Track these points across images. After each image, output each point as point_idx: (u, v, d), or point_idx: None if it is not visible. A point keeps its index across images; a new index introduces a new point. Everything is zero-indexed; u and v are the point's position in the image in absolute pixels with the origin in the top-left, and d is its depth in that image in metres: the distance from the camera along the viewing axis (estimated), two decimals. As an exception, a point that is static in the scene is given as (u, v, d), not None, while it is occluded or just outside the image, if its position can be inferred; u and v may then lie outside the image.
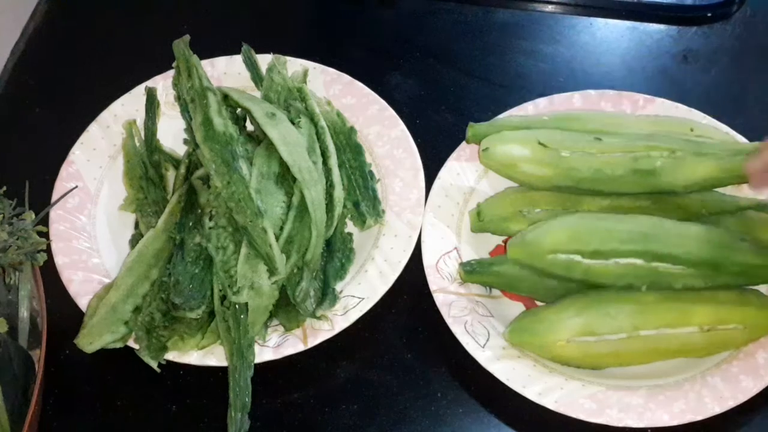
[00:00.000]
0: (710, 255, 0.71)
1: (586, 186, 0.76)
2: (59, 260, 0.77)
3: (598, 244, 0.71)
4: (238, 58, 0.88)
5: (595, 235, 0.72)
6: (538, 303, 0.77)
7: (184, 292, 0.74)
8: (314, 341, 0.73)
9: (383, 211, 0.80)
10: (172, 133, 0.86)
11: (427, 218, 0.79)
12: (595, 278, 0.72)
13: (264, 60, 0.87)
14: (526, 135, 0.78)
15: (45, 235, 0.73)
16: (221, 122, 0.77)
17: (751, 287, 0.74)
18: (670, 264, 0.71)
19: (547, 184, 0.77)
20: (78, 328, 0.73)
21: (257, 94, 0.85)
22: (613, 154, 0.75)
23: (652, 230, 0.72)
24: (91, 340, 0.72)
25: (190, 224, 0.76)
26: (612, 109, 0.84)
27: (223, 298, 0.73)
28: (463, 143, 0.83)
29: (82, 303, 0.75)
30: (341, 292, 0.76)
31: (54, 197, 0.80)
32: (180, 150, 0.85)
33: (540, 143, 0.76)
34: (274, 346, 0.73)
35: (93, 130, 0.85)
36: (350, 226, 0.81)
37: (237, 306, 0.72)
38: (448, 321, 0.74)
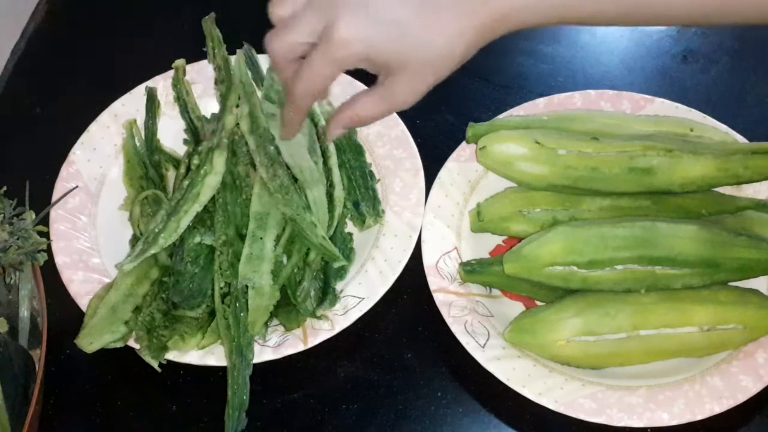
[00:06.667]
0: (707, 253, 0.71)
1: (582, 185, 0.76)
2: (59, 260, 0.77)
3: (593, 253, 0.71)
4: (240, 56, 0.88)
5: (589, 244, 0.72)
6: (538, 303, 0.77)
7: (183, 291, 0.74)
8: (314, 341, 0.73)
9: (383, 211, 0.80)
10: (172, 133, 0.86)
11: (427, 218, 0.79)
12: (593, 286, 0.72)
13: (265, 60, 0.87)
14: (523, 134, 0.78)
15: (45, 234, 0.73)
16: (264, 119, 0.77)
17: (751, 287, 0.74)
18: (667, 266, 0.71)
19: (543, 182, 0.77)
20: (78, 328, 0.73)
21: (258, 93, 0.85)
22: (610, 153, 0.75)
23: (647, 234, 0.72)
24: (91, 340, 0.72)
25: (190, 224, 0.76)
26: (612, 109, 0.85)
27: (224, 296, 0.73)
28: (463, 143, 0.83)
29: (83, 303, 0.75)
30: (341, 291, 0.76)
31: (54, 197, 0.80)
32: (180, 150, 0.85)
33: (537, 142, 0.76)
34: (274, 345, 0.73)
35: (93, 130, 0.85)
36: (350, 226, 0.81)
37: (237, 304, 0.72)
38: (448, 321, 0.74)
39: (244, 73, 0.79)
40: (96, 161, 0.84)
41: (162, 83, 0.88)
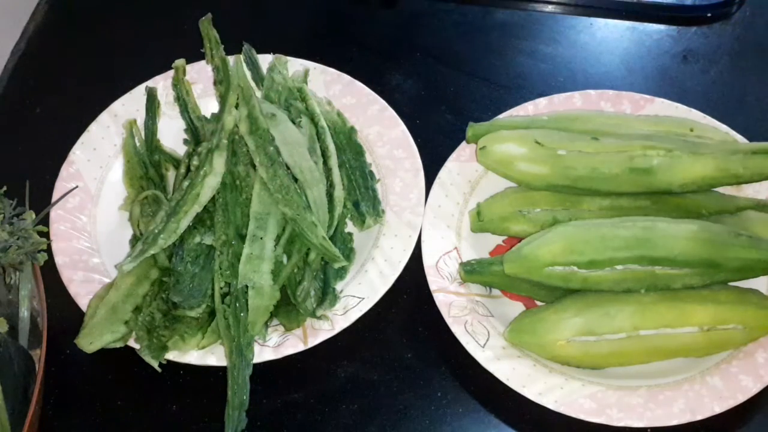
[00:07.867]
0: (707, 254, 0.71)
1: (582, 185, 0.76)
2: (59, 260, 0.77)
3: (593, 254, 0.71)
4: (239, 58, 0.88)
5: (589, 244, 0.72)
6: (538, 303, 0.77)
7: (183, 291, 0.74)
8: (314, 341, 0.73)
9: (383, 211, 0.80)
10: (172, 133, 0.86)
11: (427, 218, 0.79)
12: (593, 286, 0.72)
13: (265, 60, 0.87)
14: (523, 134, 0.78)
15: (45, 234, 0.73)
16: (263, 120, 0.77)
17: (751, 287, 0.74)
18: (667, 266, 0.71)
19: (543, 182, 0.77)
20: (78, 328, 0.73)
21: (258, 93, 0.85)
22: (610, 153, 0.75)
23: (647, 234, 0.71)
24: (91, 340, 0.72)
25: (190, 224, 0.76)
26: (612, 109, 0.85)
27: (224, 296, 0.73)
28: (463, 143, 0.83)
29: (83, 303, 0.75)
30: (341, 292, 0.76)
31: (54, 197, 0.80)
32: (180, 150, 0.85)
33: (537, 142, 0.76)
34: (275, 345, 0.73)
35: (93, 130, 0.85)
36: (350, 226, 0.81)
37: (237, 304, 0.72)
38: (448, 321, 0.74)
39: (242, 76, 0.79)
40: (96, 161, 0.84)
41: (162, 83, 0.88)
